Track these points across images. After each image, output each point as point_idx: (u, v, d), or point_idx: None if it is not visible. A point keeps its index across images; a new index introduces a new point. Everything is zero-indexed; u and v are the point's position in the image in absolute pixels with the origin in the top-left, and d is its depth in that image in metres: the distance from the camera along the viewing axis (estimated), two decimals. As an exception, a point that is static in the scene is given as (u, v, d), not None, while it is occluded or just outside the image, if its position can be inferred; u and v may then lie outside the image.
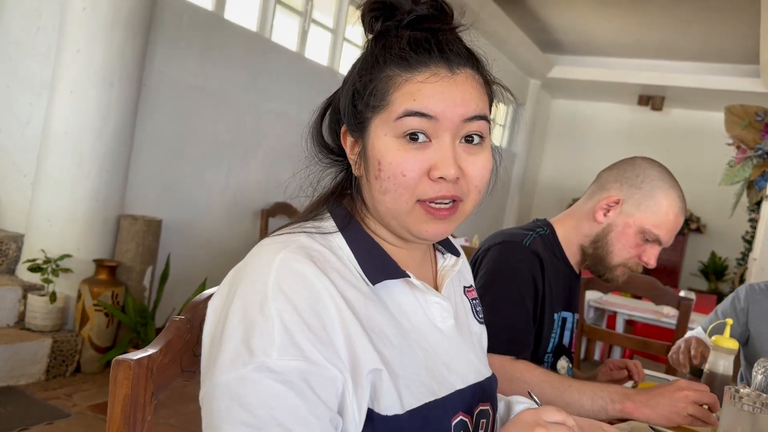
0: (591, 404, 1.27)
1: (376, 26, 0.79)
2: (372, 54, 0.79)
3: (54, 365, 3.17)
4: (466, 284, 1.00)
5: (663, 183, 1.45)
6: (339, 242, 0.80)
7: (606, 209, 1.47)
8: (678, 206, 1.44)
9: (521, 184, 9.85)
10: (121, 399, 0.78)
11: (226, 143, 4.40)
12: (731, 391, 1.14)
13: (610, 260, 1.48)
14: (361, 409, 0.72)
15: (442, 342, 0.85)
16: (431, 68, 0.76)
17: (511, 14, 7.17)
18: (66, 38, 3.25)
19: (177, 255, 3.90)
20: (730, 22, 6.47)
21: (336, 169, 0.87)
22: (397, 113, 0.75)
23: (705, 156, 8.82)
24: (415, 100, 0.75)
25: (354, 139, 0.81)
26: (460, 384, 0.85)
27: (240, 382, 0.67)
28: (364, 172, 0.79)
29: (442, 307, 0.86)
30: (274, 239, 0.78)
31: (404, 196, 0.77)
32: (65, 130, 3.26)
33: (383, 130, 0.77)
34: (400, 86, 0.76)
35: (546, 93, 10.11)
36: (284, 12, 4.98)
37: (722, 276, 8.95)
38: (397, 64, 0.76)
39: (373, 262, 0.80)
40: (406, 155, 0.75)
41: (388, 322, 0.78)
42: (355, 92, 0.79)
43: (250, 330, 0.69)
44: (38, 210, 3.34)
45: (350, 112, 0.80)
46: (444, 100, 0.75)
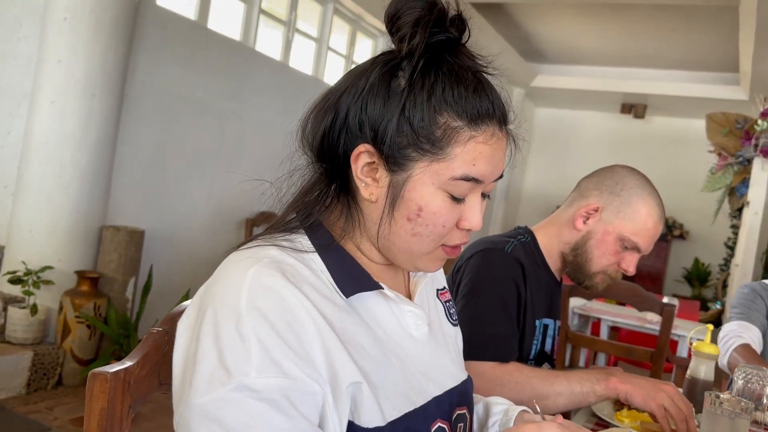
0: (580, 388, 1.30)
1: (418, 37, 0.72)
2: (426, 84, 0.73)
3: (35, 378, 3.12)
4: (439, 287, 0.99)
5: (642, 191, 1.46)
6: (312, 256, 0.78)
7: (585, 217, 1.48)
8: (657, 214, 1.45)
9: (506, 193, 9.89)
10: (98, 412, 0.77)
11: (209, 153, 4.39)
12: (712, 397, 1.15)
13: (589, 267, 1.49)
14: (342, 422, 0.71)
15: (418, 350, 0.84)
16: (490, 126, 0.76)
17: (493, 23, 7.21)
18: (47, 48, 3.23)
19: (160, 266, 3.87)
20: (710, 31, 6.56)
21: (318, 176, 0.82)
22: (454, 174, 0.74)
23: (687, 163, 8.91)
24: (475, 166, 0.75)
25: (375, 162, 0.76)
26: (437, 391, 0.85)
27: (219, 404, 0.65)
28: (388, 205, 0.76)
29: (416, 315, 0.85)
30: (243, 253, 0.75)
31: (435, 243, 0.79)
32: (46, 141, 3.23)
33: (431, 178, 0.75)
34: (463, 144, 0.74)
35: (529, 101, 10.17)
36: (268, 21, 4.98)
37: (705, 282, 9.02)
38: (460, 115, 0.74)
39: (346, 274, 0.78)
40: (450, 210, 0.77)
41: (364, 333, 0.77)
42: (401, 123, 0.73)
43: (225, 350, 0.66)
44: (19, 221, 3.30)
45: (391, 143, 0.74)
46: (494, 166, 0.77)
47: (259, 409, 0.65)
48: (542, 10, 6.82)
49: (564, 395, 1.31)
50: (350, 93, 0.77)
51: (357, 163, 0.76)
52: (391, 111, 0.74)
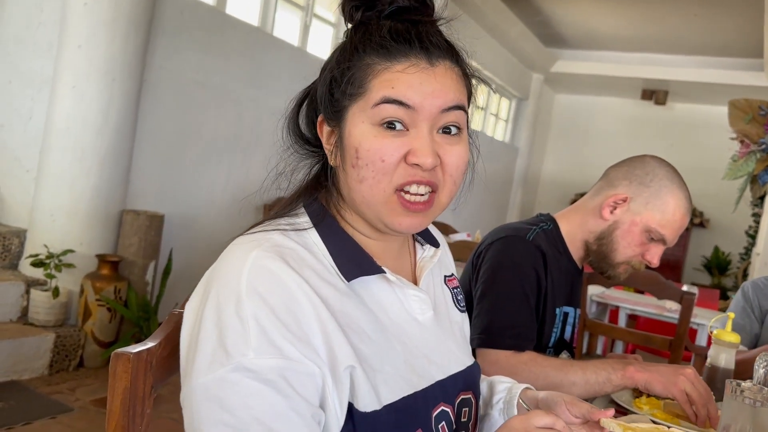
0: (595, 378, 1.29)
1: (356, 16, 0.79)
2: (351, 42, 0.78)
3: (57, 360, 3.18)
4: (447, 273, 0.99)
5: (671, 183, 1.44)
6: (314, 239, 0.79)
7: (613, 206, 1.47)
8: (685, 207, 1.44)
9: (524, 179, 9.83)
10: (121, 392, 0.78)
11: (227, 138, 4.40)
12: (733, 385, 1.14)
13: (613, 257, 1.48)
14: (342, 404, 0.73)
15: (422, 334, 0.85)
16: (411, 59, 0.76)
17: (513, 8, 7.14)
18: (67, 33, 3.25)
19: (179, 250, 3.91)
20: (734, 16, 6.44)
21: (312, 160, 0.87)
22: (374, 100, 0.75)
23: (708, 150, 8.80)
24: (393, 88, 0.75)
25: (330, 128, 0.80)
26: (440, 375, 0.85)
27: (218, 384, 0.67)
28: (341, 161, 0.78)
29: (421, 299, 0.86)
30: (247, 238, 0.77)
31: (382, 183, 0.76)
32: (67, 126, 3.26)
33: (360, 118, 0.76)
34: (378, 74, 0.76)
35: (548, 87, 10.08)
36: (286, 7, 4.97)
37: (725, 271, 8.94)
38: (377, 53, 0.76)
39: (348, 258, 0.79)
40: (384, 141, 0.75)
41: (366, 317, 0.78)
42: (332, 80, 0.78)
43: (225, 331, 0.68)
44: (41, 205, 3.34)
45: (327, 100, 0.79)
46: (422, 90, 0.75)
47: (256, 389, 0.67)
48: (562, -6, 6.74)
49: (579, 385, 1.30)
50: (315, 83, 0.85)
51: (322, 135, 0.82)
52: (326, 76, 0.80)
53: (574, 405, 0.87)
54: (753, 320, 2.08)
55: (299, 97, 0.86)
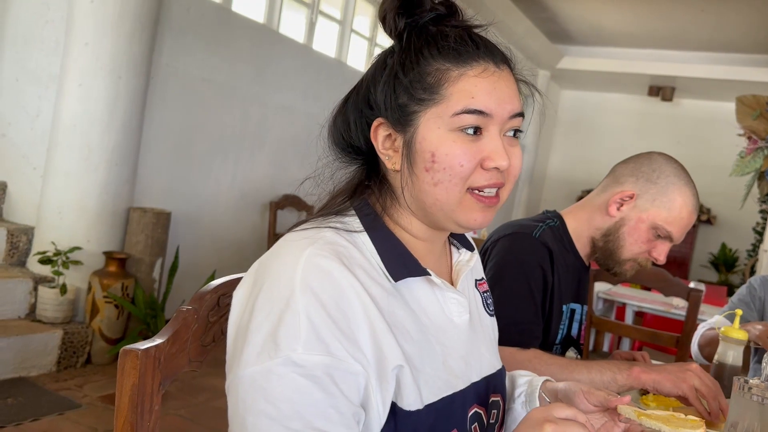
0: (600, 377, 1.28)
1: (399, 24, 0.80)
2: (413, 48, 0.79)
3: (65, 356, 3.19)
4: (478, 277, 1.01)
5: (678, 180, 1.44)
6: (363, 239, 0.81)
7: (620, 203, 1.46)
8: (692, 204, 1.44)
9: (530, 176, 9.81)
10: (129, 388, 0.78)
11: (233, 135, 4.41)
12: (740, 382, 1.14)
13: (620, 254, 1.47)
14: (386, 403, 0.74)
15: (459, 336, 0.87)
16: (481, 63, 0.79)
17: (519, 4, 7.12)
18: (74, 31, 3.26)
19: (186, 247, 3.92)
20: (742, 12, 6.41)
21: (355, 166, 0.88)
22: (454, 110, 0.77)
23: (715, 147, 8.76)
24: (474, 98, 0.77)
25: (390, 133, 0.81)
26: (475, 377, 0.88)
27: (265, 375, 0.69)
28: (407, 165, 0.80)
29: (459, 302, 0.87)
30: (300, 234, 0.79)
31: (458, 186, 0.79)
32: (74, 123, 3.28)
33: (436, 123, 0.78)
34: (455, 81, 0.78)
35: (555, 84, 10.05)
36: (291, 4, 4.97)
37: (732, 267, 8.90)
38: (447, 58, 0.78)
39: (396, 259, 0.81)
40: (463, 146, 0.78)
41: (409, 318, 0.79)
42: (397, 85, 0.79)
43: (277, 324, 0.70)
44: (48, 203, 3.36)
45: (393, 106, 0.79)
46: (497, 97, 0.78)
47: (301, 385, 0.68)
48: (569, -10, 6.71)
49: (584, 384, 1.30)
50: (357, 92, 0.85)
51: (377, 139, 0.82)
52: (387, 81, 0.80)
53: (591, 394, 0.89)
54: (752, 311, 2.09)
55: (340, 106, 0.87)
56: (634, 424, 0.86)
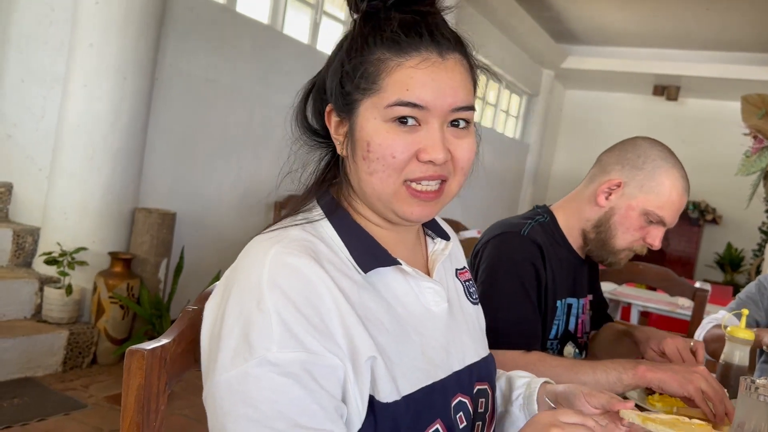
0: (606, 378, 1.26)
1: (362, 6, 0.79)
2: (361, 34, 0.79)
3: (70, 357, 3.20)
4: (458, 266, 1.00)
5: (665, 163, 1.41)
6: (329, 232, 0.80)
7: (608, 192, 1.44)
8: (681, 186, 1.41)
9: (534, 176, 9.80)
10: (135, 388, 0.79)
11: (237, 136, 4.41)
12: (747, 382, 1.13)
13: (613, 244, 1.45)
14: (363, 397, 0.73)
15: (438, 325, 0.86)
16: (422, 53, 0.76)
17: (523, 3, 7.11)
18: (79, 32, 3.27)
19: (191, 247, 3.93)
20: (747, 10, 6.39)
21: (321, 152, 0.88)
22: (388, 101, 0.76)
23: (721, 146, 8.72)
24: (408, 90, 0.75)
25: (340, 119, 0.81)
26: (457, 366, 0.87)
27: (242, 379, 0.68)
28: (350, 152, 0.80)
29: (435, 291, 0.86)
30: (266, 235, 0.78)
31: (392, 177, 0.78)
32: (78, 124, 3.28)
33: (372, 113, 0.77)
34: (391, 71, 0.76)
35: (559, 83, 10.03)
36: (296, 5, 4.97)
37: (738, 267, 8.87)
38: (388, 47, 0.76)
39: (364, 250, 0.80)
40: (396, 138, 0.76)
41: (382, 309, 0.79)
42: (343, 73, 0.79)
43: (248, 326, 0.69)
44: (54, 203, 3.37)
45: (338, 92, 0.79)
46: (435, 89, 0.76)
47: (280, 383, 0.67)
48: (573, -10, 6.70)
49: (589, 385, 1.27)
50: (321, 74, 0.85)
51: (330, 125, 0.83)
52: (336, 68, 0.80)
53: (593, 396, 0.88)
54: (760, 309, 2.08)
55: (306, 88, 0.87)
56: (638, 429, 0.84)
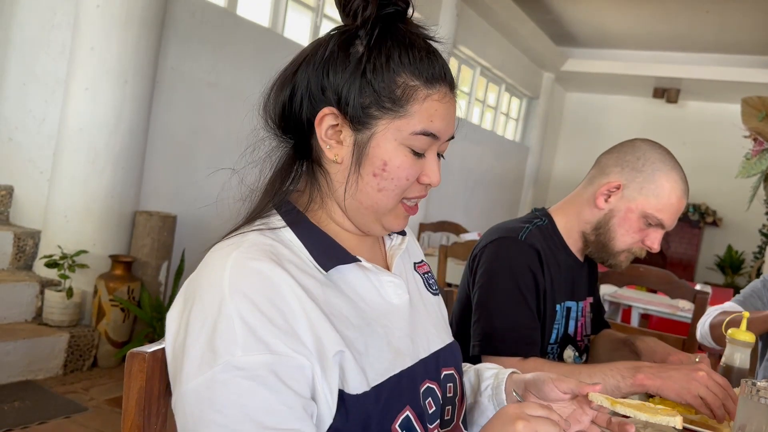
0: (603, 384, 1.25)
1: (368, 10, 0.78)
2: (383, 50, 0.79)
3: (71, 360, 3.20)
4: (416, 260, 1.03)
5: (664, 165, 1.40)
6: (288, 236, 0.82)
7: (607, 195, 1.43)
8: (680, 189, 1.40)
9: (535, 178, 9.81)
10: (136, 391, 0.79)
11: (239, 138, 4.41)
12: (748, 384, 1.13)
13: (613, 246, 1.45)
14: (333, 392, 0.74)
15: (401, 316, 0.88)
16: (443, 87, 0.82)
17: (523, 6, 7.12)
18: (80, 36, 3.28)
19: (192, 250, 3.93)
20: (746, 13, 6.39)
21: (281, 148, 0.87)
22: (414, 129, 0.80)
23: (721, 148, 8.73)
24: (432, 122, 0.81)
25: (339, 125, 0.81)
26: (423, 353, 0.89)
27: (209, 385, 0.68)
28: (354, 163, 0.81)
29: (396, 284, 0.89)
30: (224, 242, 0.79)
31: (398, 197, 0.83)
32: (80, 127, 3.29)
33: (393, 135, 0.80)
34: (421, 101, 0.80)
35: (560, 86, 10.04)
36: (296, 8, 4.98)
37: (739, 270, 8.86)
38: (417, 75, 0.80)
39: (323, 250, 0.82)
40: (412, 164, 0.82)
41: (346, 305, 0.80)
42: (364, 86, 0.79)
43: (212, 332, 0.69)
44: (55, 206, 3.37)
45: (354, 104, 0.79)
46: (448, 123, 0.83)
47: (246, 387, 0.67)
48: (573, -8, 6.71)
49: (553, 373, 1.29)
50: (308, 64, 0.82)
51: (321, 126, 0.81)
52: (352, 75, 0.79)
53: (561, 381, 0.89)
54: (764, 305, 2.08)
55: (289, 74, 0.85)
56: (604, 412, 0.85)
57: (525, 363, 1.33)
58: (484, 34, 7.28)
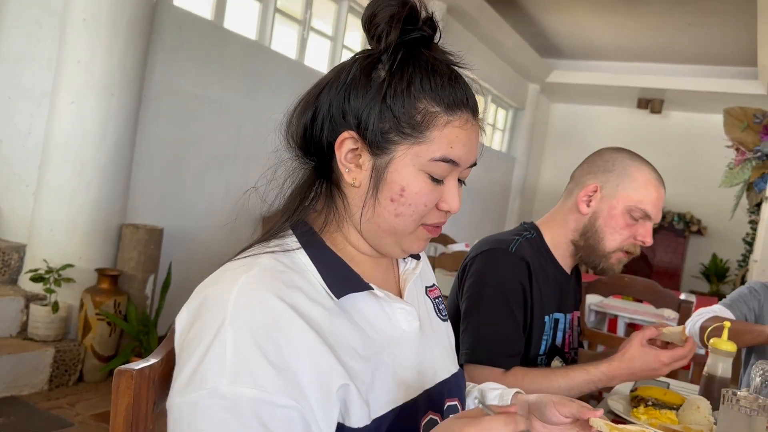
0: (579, 382, 1.35)
1: (392, 34, 0.78)
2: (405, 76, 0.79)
3: (57, 375, 3.18)
4: (428, 284, 1.02)
5: (633, 161, 1.48)
6: (302, 259, 0.80)
7: (588, 199, 1.48)
8: (655, 178, 1.47)
9: (521, 189, 9.86)
10: (124, 409, 0.79)
11: (226, 151, 4.42)
12: (728, 394, 1.15)
13: (603, 247, 1.47)
14: (331, 427, 0.73)
15: (411, 345, 0.87)
16: (465, 114, 0.81)
17: (508, 19, 7.19)
18: (66, 49, 3.27)
19: (178, 263, 3.91)
20: (728, 25, 6.49)
21: (302, 171, 0.86)
22: (434, 155, 0.79)
23: (705, 158, 8.84)
24: (452, 148, 0.80)
25: (359, 149, 0.80)
26: (428, 384, 0.88)
27: (191, 408, 0.67)
28: (372, 187, 0.80)
29: (407, 312, 0.87)
30: (236, 263, 0.78)
31: (415, 222, 0.82)
32: (66, 140, 3.28)
33: (412, 160, 0.80)
34: (441, 127, 0.80)
35: (545, 97, 10.12)
36: (283, 20, 5.00)
37: (723, 278, 8.94)
38: (438, 101, 0.79)
39: (337, 276, 0.80)
40: (431, 190, 0.81)
41: (354, 334, 0.79)
42: (383, 110, 0.79)
43: (204, 356, 0.69)
44: (40, 220, 3.35)
45: (373, 128, 0.79)
46: (469, 150, 0.83)
47: (225, 420, 0.66)
48: (557, 5, 6.78)
49: (564, 391, 1.33)
50: (332, 87, 0.82)
51: (341, 149, 0.81)
52: (373, 99, 0.79)
53: (563, 405, 0.91)
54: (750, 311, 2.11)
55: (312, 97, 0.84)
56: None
57: (507, 376, 1.37)
58: (469, 47, 7.33)
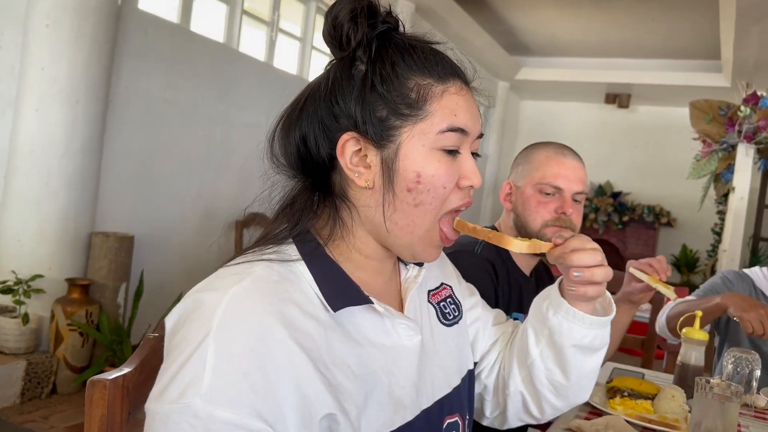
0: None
1: (358, 33, 0.76)
2: (386, 60, 0.76)
3: (29, 388, 3.11)
4: (431, 287, 0.96)
5: (534, 148, 1.58)
6: (300, 268, 0.76)
7: (507, 197, 1.60)
8: (552, 149, 1.53)
9: (494, 186, 9.92)
10: (98, 420, 0.78)
11: (196, 156, 4.38)
12: (702, 382, 1.17)
13: (531, 229, 1.52)
14: None
15: (410, 361, 0.83)
16: (458, 81, 0.79)
17: (476, 17, 7.23)
18: (29, 56, 3.21)
19: (150, 271, 3.86)
20: (691, 19, 6.61)
21: (296, 184, 0.82)
22: (439, 127, 0.76)
23: (672, 151, 8.98)
24: (456, 116, 0.77)
25: (362, 148, 0.77)
26: (426, 403, 0.84)
27: (163, 419, 0.65)
28: (386, 183, 0.76)
29: (408, 326, 0.83)
30: (230, 269, 0.74)
31: (437, 210, 0.78)
32: (31, 149, 3.22)
33: (420, 141, 0.76)
34: (437, 97, 0.77)
35: (514, 94, 10.20)
36: (251, 22, 4.97)
37: (694, 268, 9.10)
38: (427, 73, 0.77)
39: (336, 288, 0.76)
40: (447, 169, 0.77)
41: (349, 350, 0.75)
42: (374, 99, 0.76)
43: (182, 367, 0.65)
44: (7, 230, 3.28)
45: (370, 120, 0.76)
46: (473, 116, 0.79)
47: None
48: (525, 3, 6.84)
49: None
50: (314, 99, 0.79)
51: (344, 155, 0.77)
52: (361, 93, 0.76)
53: None
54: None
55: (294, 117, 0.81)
56: None
57: None
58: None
